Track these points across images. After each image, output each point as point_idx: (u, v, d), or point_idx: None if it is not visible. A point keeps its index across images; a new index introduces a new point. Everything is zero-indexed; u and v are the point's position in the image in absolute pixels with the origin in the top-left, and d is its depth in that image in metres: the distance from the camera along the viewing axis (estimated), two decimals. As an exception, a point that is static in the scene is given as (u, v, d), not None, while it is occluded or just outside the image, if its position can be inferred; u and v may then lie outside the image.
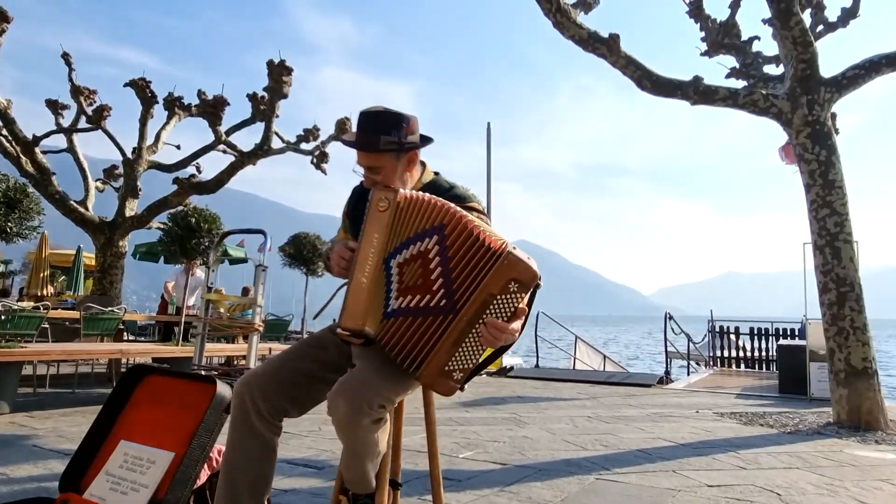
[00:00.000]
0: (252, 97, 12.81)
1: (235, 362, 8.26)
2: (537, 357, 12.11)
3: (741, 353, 12.73)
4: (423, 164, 2.10)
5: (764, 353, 12.16)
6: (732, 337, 12.91)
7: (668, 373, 10.33)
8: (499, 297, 1.70)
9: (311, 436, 4.37)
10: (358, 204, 2.10)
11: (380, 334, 1.78)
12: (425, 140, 2.01)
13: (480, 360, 1.83)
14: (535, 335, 11.63)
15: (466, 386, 1.84)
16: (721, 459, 3.96)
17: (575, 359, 12.93)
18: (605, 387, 8.65)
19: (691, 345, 12.37)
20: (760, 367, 12.14)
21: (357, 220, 2.02)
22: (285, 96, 12.38)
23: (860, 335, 5.53)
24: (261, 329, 2.65)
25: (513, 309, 1.72)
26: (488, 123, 11.99)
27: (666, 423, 5.37)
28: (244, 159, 12.86)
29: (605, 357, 14.03)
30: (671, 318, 11.26)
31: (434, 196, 1.80)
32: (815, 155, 5.77)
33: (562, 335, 16.02)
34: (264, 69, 12.19)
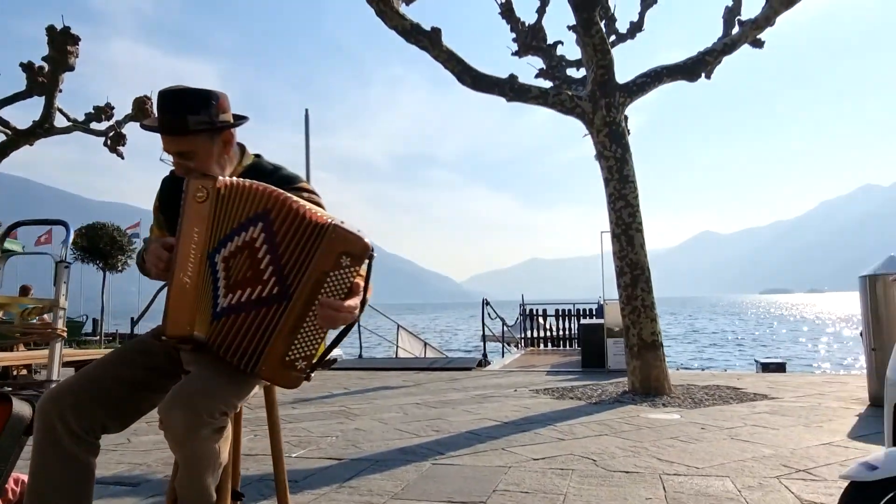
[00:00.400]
0: (27, 67, 11.11)
1: (15, 373, 7.19)
2: (360, 347, 12.10)
3: (549, 334, 13.86)
4: (242, 147, 1.94)
5: (568, 332, 13.36)
6: (541, 319, 14.00)
7: (485, 356, 10.91)
8: (332, 273, 1.63)
9: (119, 449, 3.93)
10: (171, 196, 1.89)
11: (211, 337, 1.63)
12: (239, 118, 1.85)
13: (326, 346, 1.75)
14: (358, 325, 11.61)
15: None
16: (542, 433, 4.25)
17: (398, 347, 13.15)
18: (428, 373, 8.89)
19: (505, 328, 13.19)
20: (566, 346, 13.32)
21: (172, 213, 1.82)
22: (71, 68, 10.94)
23: (650, 312, 6.28)
24: (64, 334, 2.30)
25: (349, 284, 1.66)
26: (306, 110, 11.69)
27: (489, 404, 5.65)
28: (19, 138, 11.15)
29: (425, 344, 14.44)
30: (488, 303, 11.91)
31: (256, 182, 1.68)
32: (613, 153, 6.42)
33: (381, 323, 16.19)
34: (43, 36, 10.64)
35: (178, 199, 1.71)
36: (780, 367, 9.80)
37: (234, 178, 1.66)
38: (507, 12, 9.13)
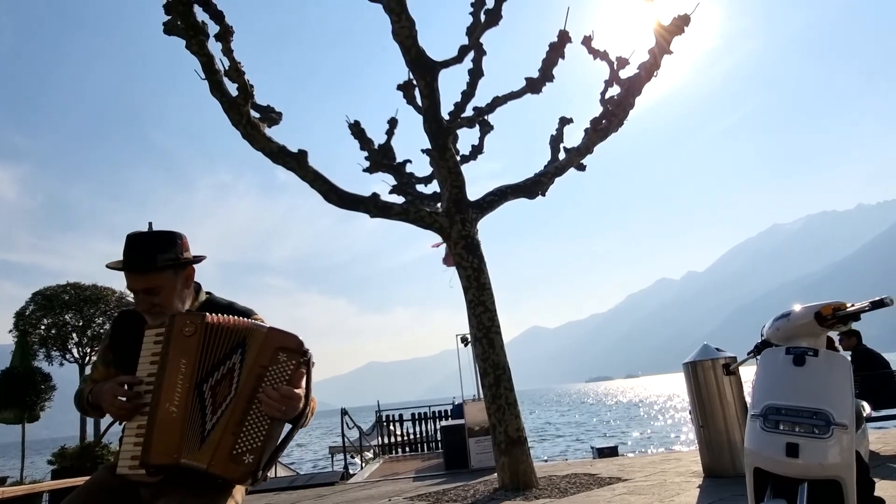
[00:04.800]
0: None
1: None
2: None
3: (406, 438, 13.84)
4: (197, 285, 2.11)
5: (425, 436, 13.46)
6: (397, 425, 13.99)
7: (346, 468, 10.64)
8: (270, 368, 1.79)
9: None
10: (125, 333, 1.98)
11: (207, 462, 1.72)
12: (198, 257, 2.04)
13: (275, 443, 1.85)
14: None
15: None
16: (435, 539, 4.37)
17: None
18: (291, 493, 8.51)
19: (362, 436, 12.98)
20: (423, 449, 13.36)
21: (124, 351, 1.92)
22: None
23: (513, 409, 6.73)
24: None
25: (287, 376, 1.81)
26: (150, 224, 11.18)
27: (371, 517, 5.62)
28: None
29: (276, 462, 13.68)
30: (346, 413, 11.75)
31: (238, 317, 1.86)
32: (470, 263, 7.03)
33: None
34: None
35: (133, 336, 1.82)
36: (612, 451, 10.63)
37: (221, 316, 1.81)
38: (358, 132, 9.80)
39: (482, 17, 7.30)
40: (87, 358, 12.71)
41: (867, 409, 3.54)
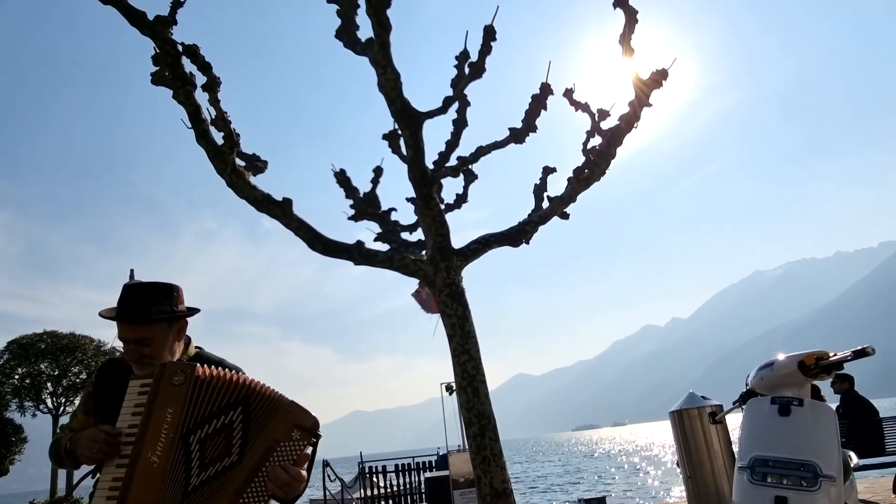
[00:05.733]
0: None
1: None
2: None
3: (389, 490, 13.47)
4: (187, 338, 2.09)
5: (409, 487, 13.12)
6: (380, 476, 13.63)
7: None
8: (282, 443, 1.75)
9: None
10: (110, 382, 1.94)
11: None
12: (193, 310, 2.03)
13: None
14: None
15: None
16: None
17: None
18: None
19: (344, 490, 12.63)
20: (407, 502, 13.00)
21: (108, 400, 1.87)
22: None
23: (498, 461, 6.61)
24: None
25: (295, 455, 1.77)
26: (131, 270, 11.11)
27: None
28: None
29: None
30: (328, 464, 11.45)
31: (233, 372, 1.83)
32: (454, 311, 7.00)
33: None
34: None
35: (117, 386, 1.78)
36: (600, 503, 10.45)
37: (213, 368, 1.78)
38: (344, 180, 9.89)
39: (466, 70, 7.48)
40: (62, 409, 12.36)
41: (854, 458, 3.52)
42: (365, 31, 6.95)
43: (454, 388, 8.56)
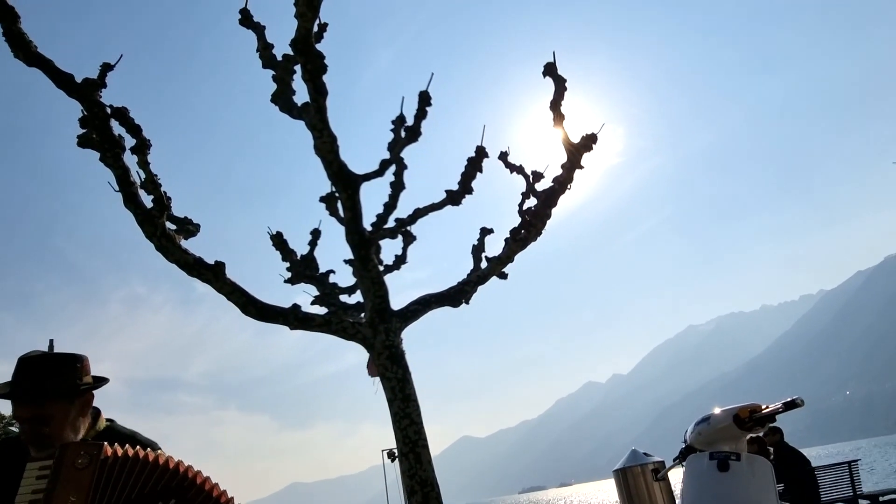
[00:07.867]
0: None
1: None
2: None
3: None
4: (97, 410, 1.93)
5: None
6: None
7: None
8: None
9: None
10: (4, 466, 1.75)
11: None
12: (100, 380, 1.88)
13: None
14: None
15: None
16: None
17: None
18: None
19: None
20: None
21: (2, 484, 1.69)
22: None
23: (443, 531, 6.36)
24: None
25: None
26: (51, 341, 10.42)
27: None
28: None
29: None
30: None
31: (151, 452, 1.68)
32: (395, 374, 6.85)
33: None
34: None
35: (12, 470, 1.61)
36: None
37: (125, 449, 1.63)
38: (280, 243, 9.73)
39: (402, 134, 7.60)
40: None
41: (792, 510, 3.56)
42: (301, 95, 7.00)
43: (396, 454, 8.29)
